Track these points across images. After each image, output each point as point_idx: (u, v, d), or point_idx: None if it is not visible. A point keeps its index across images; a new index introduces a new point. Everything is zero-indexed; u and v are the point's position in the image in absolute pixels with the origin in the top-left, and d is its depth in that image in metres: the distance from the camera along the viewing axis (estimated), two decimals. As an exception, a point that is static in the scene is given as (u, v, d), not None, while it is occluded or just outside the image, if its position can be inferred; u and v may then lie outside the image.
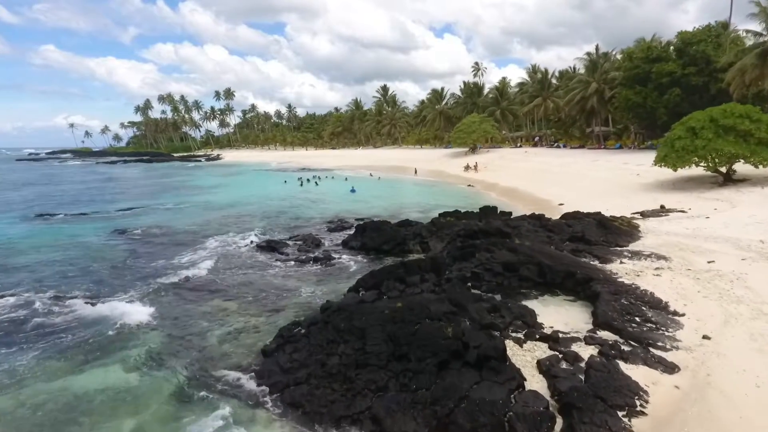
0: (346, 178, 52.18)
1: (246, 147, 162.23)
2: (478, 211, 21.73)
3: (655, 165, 27.42)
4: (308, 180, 51.91)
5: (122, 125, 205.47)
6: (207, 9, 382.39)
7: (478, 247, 14.90)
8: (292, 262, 17.16)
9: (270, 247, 19.04)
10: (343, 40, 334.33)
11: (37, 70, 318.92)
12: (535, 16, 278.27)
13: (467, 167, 54.62)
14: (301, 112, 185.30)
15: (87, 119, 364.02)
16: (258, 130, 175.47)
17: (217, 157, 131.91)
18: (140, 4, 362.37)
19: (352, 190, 41.38)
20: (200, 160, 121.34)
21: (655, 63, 42.99)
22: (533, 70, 73.51)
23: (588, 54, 56.05)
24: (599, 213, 20.37)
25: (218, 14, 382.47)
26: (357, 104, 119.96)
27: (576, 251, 15.68)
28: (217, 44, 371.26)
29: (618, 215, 20.33)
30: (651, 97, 43.31)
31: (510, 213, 21.51)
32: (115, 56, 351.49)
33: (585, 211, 20.93)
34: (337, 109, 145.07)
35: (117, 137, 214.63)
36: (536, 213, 20.95)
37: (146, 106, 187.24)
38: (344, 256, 17.75)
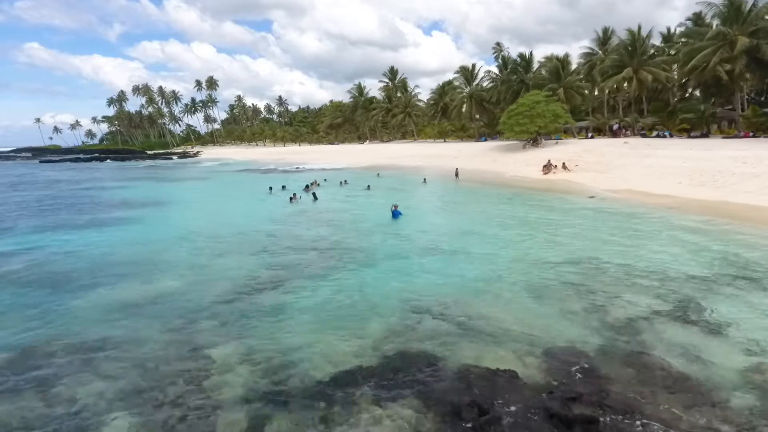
0: (368, 186, 33.31)
1: (231, 143, 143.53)
2: None
3: None
4: (308, 186, 32.98)
5: (94, 120, 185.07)
6: (192, 6, 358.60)
7: None
8: None
9: None
10: (331, 38, 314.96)
11: (23, 68, 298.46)
12: (523, 14, 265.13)
13: (549, 166, 36.00)
14: (292, 109, 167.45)
15: (76, 117, 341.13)
16: (246, 125, 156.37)
17: (195, 155, 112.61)
18: (124, 2, 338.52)
19: (395, 215, 21.67)
20: (171, 158, 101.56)
21: None
22: (605, 33, 54.44)
23: (726, -6, 37.27)
24: None
25: (204, 11, 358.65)
26: (360, 89, 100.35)
27: None
28: (204, 42, 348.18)
29: None
30: None
31: None
32: (101, 54, 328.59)
33: None
34: (332, 102, 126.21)
35: (90, 134, 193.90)
36: None
37: (120, 98, 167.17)
38: None
